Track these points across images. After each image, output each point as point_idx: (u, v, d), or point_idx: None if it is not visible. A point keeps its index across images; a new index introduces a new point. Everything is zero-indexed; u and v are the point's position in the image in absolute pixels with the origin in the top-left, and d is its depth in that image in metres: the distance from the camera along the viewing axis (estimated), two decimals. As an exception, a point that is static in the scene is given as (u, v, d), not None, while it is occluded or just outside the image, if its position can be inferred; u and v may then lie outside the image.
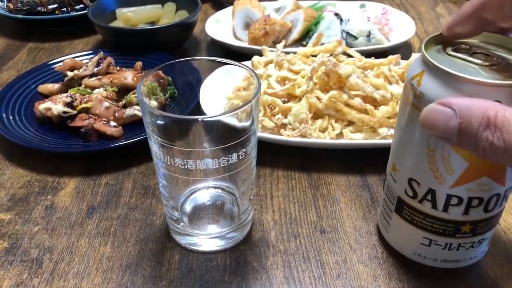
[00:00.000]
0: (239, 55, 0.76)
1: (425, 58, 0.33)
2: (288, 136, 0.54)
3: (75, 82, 0.65)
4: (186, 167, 0.38)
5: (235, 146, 0.38)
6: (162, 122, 0.37)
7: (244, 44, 0.79)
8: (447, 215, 0.37)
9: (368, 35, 0.76)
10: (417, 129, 0.34)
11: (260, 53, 0.67)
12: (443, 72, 0.31)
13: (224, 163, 0.39)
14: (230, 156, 0.38)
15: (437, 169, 0.34)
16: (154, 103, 0.58)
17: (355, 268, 0.42)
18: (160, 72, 0.50)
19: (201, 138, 0.38)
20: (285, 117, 0.56)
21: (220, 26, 0.84)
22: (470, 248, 0.39)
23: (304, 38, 0.79)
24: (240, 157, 0.39)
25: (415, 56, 0.58)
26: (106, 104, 0.59)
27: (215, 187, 0.47)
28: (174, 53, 0.79)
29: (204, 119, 0.36)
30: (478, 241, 0.39)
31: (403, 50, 0.80)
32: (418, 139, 0.35)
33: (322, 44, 0.72)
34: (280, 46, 0.62)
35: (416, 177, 0.36)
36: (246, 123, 0.39)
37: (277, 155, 0.56)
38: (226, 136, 0.38)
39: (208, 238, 0.45)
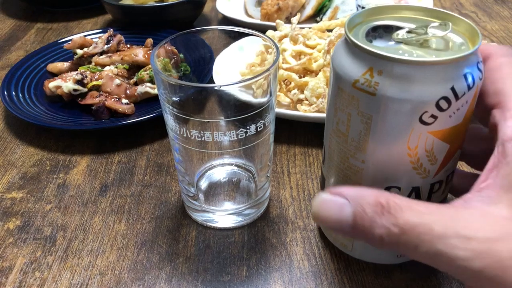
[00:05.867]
0: (251, 32, 0.74)
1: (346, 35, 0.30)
2: (304, 111, 0.52)
3: (85, 60, 0.64)
4: (202, 139, 0.37)
5: (253, 117, 0.37)
6: (178, 92, 0.36)
7: (257, 21, 0.77)
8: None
9: (384, 10, 0.73)
10: (393, 130, 0.29)
11: (273, 30, 0.65)
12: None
13: (242, 135, 0.37)
14: (248, 128, 0.37)
15: (421, 165, 0.31)
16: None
17: (377, 245, 0.41)
18: (174, 49, 0.48)
19: (218, 109, 0.37)
20: (301, 92, 0.54)
21: (230, 3, 0.82)
22: None
23: (318, 14, 0.77)
24: (259, 129, 0.38)
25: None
26: (117, 81, 0.58)
27: (231, 164, 0.46)
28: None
29: (222, 87, 0.35)
30: None
31: (420, 25, 0.77)
32: (396, 143, 0.30)
33: (337, 19, 0.70)
34: (295, 19, 0.60)
35: (396, 184, 0.32)
36: (264, 95, 0.37)
37: (293, 132, 0.55)
38: (244, 107, 0.36)
39: (225, 215, 0.43)
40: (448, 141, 0.30)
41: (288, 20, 0.75)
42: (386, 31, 0.32)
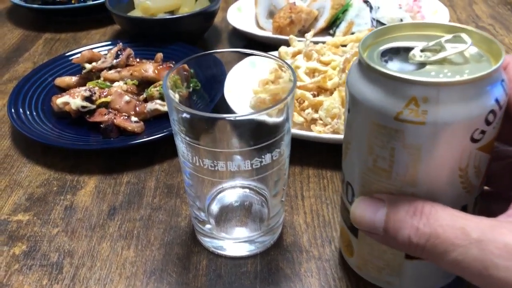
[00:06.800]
0: (263, 45, 0.73)
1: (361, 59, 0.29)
2: (319, 132, 0.51)
3: (94, 74, 0.63)
4: (216, 168, 0.35)
5: (269, 146, 0.35)
6: (191, 121, 0.34)
7: (268, 34, 0.76)
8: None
9: (399, 23, 0.72)
10: (444, 155, 0.28)
11: (284, 43, 0.64)
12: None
13: (257, 165, 0.36)
14: (263, 157, 0.35)
15: (470, 183, 0.30)
16: (176, 96, 0.55)
17: (395, 276, 0.39)
18: (185, 65, 0.47)
19: (233, 138, 0.35)
20: (316, 111, 0.53)
21: (242, 14, 0.81)
22: None
23: (331, 27, 0.75)
24: (274, 158, 0.36)
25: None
26: (127, 98, 0.57)
27: (243, 187, 0.44)
28: (195, 43, 0.76)
29: (237, 118, 0.33)
30: None
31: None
32: (447, 168, 0.28)
33: (352, 33, 0.68)
34: (309, 35, 0.58)
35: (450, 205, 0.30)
36: (281, 121, 0.35)
37: (307, 152, 0.53)
38: (259, 136, 0.35)
39: (237, 242, 0.42)
40: (490, 151, 0.30)
41: (300, 33, 0.74)
42: (395, 53, 0.30)
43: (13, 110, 0.57)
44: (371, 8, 0.73)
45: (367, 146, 0.30)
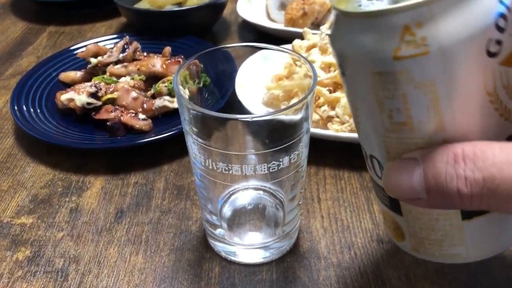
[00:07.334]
0: (274, 38, 0.70)
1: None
2: (336, 130, 0.48)
3: (99, 69, 0.60)
4: (230, 172, 0.33)
5: (287, 148, 0.33)
6: (203, 121, 0.32)
7: (280, 26, 0.73)
8: None
9: (417, 15, 0.69)
10: (465, 81, 0.25)
11: (297, 36, 0.61)
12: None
13: (274, 168, 0.33)
14: (281, 160, 0.33)
15: (505, 108, 0.26)
16: (186, 92, 0.53)
17: (420, 285, 0.37)
18: (196, 60, 0.45)
19: (248, 140, 0.33)
20: (332, 109, 0.50)
21: (252, 6, 0.78)
22: None
23: (345, 19, 0.73)
24: (292, 160, 0.34)
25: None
26: (134, 94, 0.54)
27: (257, 189, 0.42)
28: (203, 36, 0.73)
29: (254, 119, 0.31)
30: None
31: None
32: (474, 96, 0.25)
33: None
34: (324, 28, 0.56)
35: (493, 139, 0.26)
36: (300, 121, 0.33)
37: (322, 152, 0.50)
38: (276, 137, 0.33)
39: (251, 249, 0.40)
40: None
41: (313, 25, 0.71)
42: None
43: (16, 107, 0.54)
44: None
45: (375, 103, 0.26)
